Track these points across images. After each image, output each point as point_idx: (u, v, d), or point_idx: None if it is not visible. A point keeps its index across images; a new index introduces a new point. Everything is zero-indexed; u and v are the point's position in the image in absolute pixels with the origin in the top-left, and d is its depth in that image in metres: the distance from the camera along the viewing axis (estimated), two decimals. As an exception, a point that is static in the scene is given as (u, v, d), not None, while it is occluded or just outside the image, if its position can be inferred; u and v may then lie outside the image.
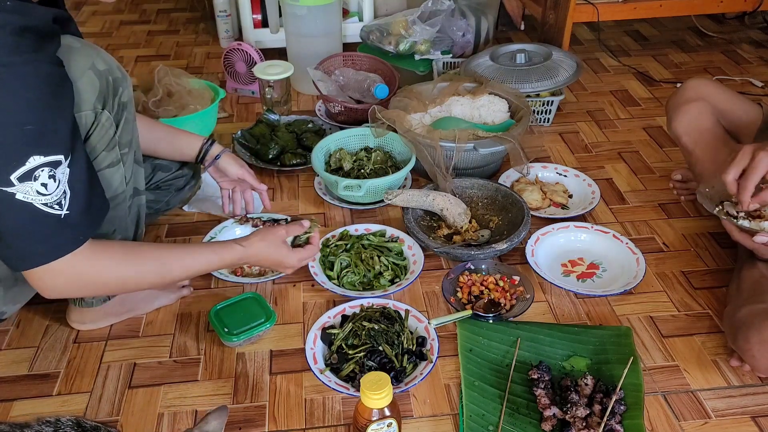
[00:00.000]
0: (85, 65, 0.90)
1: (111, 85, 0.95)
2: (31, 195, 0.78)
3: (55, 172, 0.79)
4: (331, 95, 1.75)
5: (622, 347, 1.11)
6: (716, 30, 2.41)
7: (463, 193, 1.46)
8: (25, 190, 0.77)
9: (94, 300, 1.12)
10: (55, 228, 0.82)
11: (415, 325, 1.14)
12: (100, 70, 0.93)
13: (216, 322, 1.13)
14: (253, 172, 1.33)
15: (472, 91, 1.66)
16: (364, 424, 0.88)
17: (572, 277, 1.29)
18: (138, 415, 1.02)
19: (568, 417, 0.97)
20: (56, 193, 0.80)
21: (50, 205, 0.80)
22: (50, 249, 0.83)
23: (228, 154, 1.30)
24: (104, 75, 0.93)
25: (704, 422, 1.01)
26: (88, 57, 0.91)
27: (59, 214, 0.81)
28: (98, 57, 0.93)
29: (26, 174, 0.77)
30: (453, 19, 2.04)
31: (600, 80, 2.07)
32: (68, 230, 0.83)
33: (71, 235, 0.84)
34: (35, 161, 0.77)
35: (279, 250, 1.12)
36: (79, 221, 0.85)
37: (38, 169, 0.77)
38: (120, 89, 0.97)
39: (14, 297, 1.02)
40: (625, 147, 1.72)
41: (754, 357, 1.01)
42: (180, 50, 2.32)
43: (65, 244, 0.84)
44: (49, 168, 0.78)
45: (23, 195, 0.78)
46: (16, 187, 0.77)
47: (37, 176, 0.78)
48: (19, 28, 0.75)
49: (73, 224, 0.84)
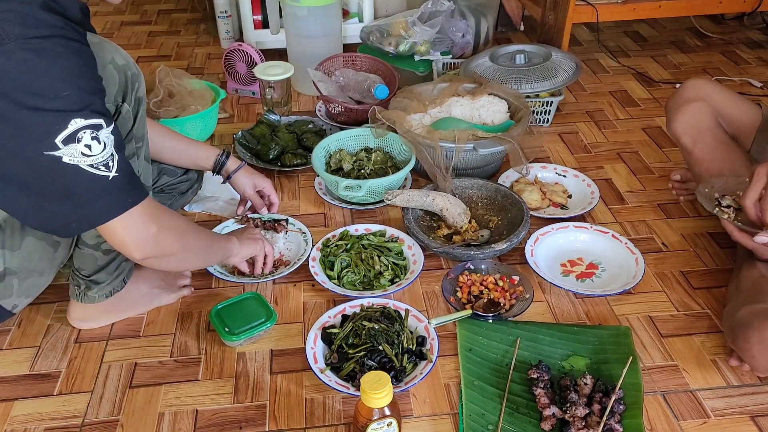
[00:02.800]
0: (106, 59, 0.93)
1: (129, 79, 0.97)
2: (77, 157, 0.79)
3: (98, 135, 0.80)
4: (331, 96, 1.75)
5: (621, 347, 1.12)
6: (715, 31, 2.41)
7: (463, 193, 1.47)
8: (71, 152, 0.79)
9: (98, 295, 1.13)
10: (104, 188, 0.83)
11: (415, 324, 1.14)
12: (120, 64, 0.95)
13: (216, 322, 1.13)
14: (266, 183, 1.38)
15: (472, 91, 1.66)
16: (365, 424, 0.88)
17: (571, 277, 1.29)
18: (138, 415, 1.03)
19: (567, 416, 0.97)
20: (103, 155, 0.81)
21: (96, 167, 0.81)
22: (103, 208, 0.84)
23: (242, 172, 1.33)
24: (123, 70, 0.96)
25: (703, 422, 1.01)
26: (108, 52, 0.94)
27: (107, 176, 0.82)
28: (117, 52, 0.96)
29: (70, 136, 0.78)
30: (453, 20, 2.04)
31: (599, 81, 2.08)
32: (117, 191, 0.84)
33: (123, 195, 0.85)
34: (76, 124, 0.78)
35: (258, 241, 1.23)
36: (129, 184, 0.86)
37: (80, 131, 0.79)
38: (136, 84, 1.00)
39: (27, 290, 1.03)
40: (624, 147, 1.73)
41: (754, 357, 1.01)
42: (181, 51, 2.33)
43: (118, 203, 0.85)
44: (91, 130, 0.80)
45: (69, 158, 0.79)
46: (62, 150, 0.78)
47: (81, 138, 0.79)
48: (48, 6, 0.78)
49: (122, 185, 0.85)
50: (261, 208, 1.38)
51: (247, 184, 1.34)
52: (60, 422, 1.02)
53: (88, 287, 1.11)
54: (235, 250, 1.17)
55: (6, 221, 0.94)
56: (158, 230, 0.91)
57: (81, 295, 1.13)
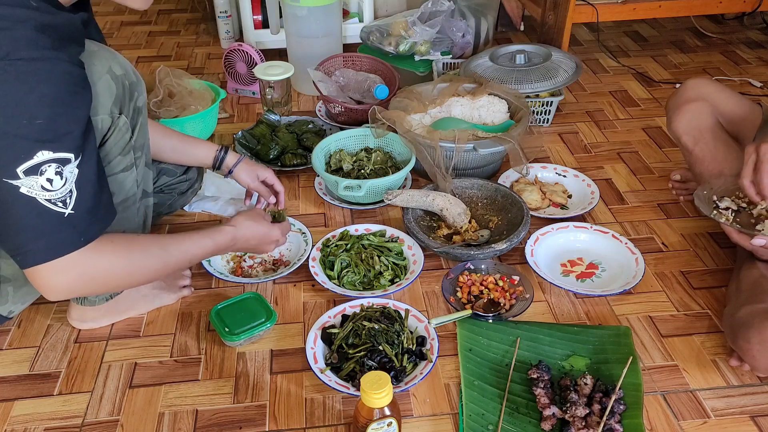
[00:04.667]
0: (102, 69, 0.91)
1: (127, 89, 0.95)
2: (36, 189, 0.77)
3: (62, 170, 0.79)
4: (331, 96, 1.75)
5: (621, 347, 1.12)
6: (715, 31, 2.41)
7: (463, 193, 1.47)
8: (30, 184, 0.77)
9: (98, 298, 1.13)
10: (56, 225, 0.81)
11: (415, 324, 1.14)
12: (117, 74, 0.93)
13: (217, 322, 1.13)
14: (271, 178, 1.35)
15: (472, 91, 1.66)
16: (365, 424, 0.88)
17: (571, 276, 1.29)
18: (138, 415, 1.03)
19: (567, 416, 0.97)
20: (61, 191, 0.80)
21: (54, 202, 0.79)
22: (51, 246, 0.82)
23: (242, 166, 1.31)
24: (121, 80, 0.94)
25: (703, 422, 1.01)
26: (106, 61, 0.92)
27: (62, 212, 0.80)
28: (115, 61, 0.94)
29: (32, 168, 0.76)
30: (453, 20, 2.04)
31: (599, 81, 2.08)
32: (70, 229, 0.82)
33: (73, 235, 0.83)
34: (43, 156, 0.76)
35: (264, 225, 1.16)
36: (83, 222, 0.83)
37: (45, 164, 0.77)
38: (135, 94, 0.98)
39: (23, 296, 1.02)
40: (624, 147, 1.73)
41: (754, 357, 1.01)
42: (181, 51, 2.33)
43: (66, 242, 0.83)
44: (57, 165, 0.78)
45: (27, 189, 0.77)
46: (21, 180, 0.76)
47: (43, 171, 0.77)
48: (42, 25, 0.76)
49: (77, 224, 0.83)
50: (268, 197, 1.36)
51: (249, 176, 1.33)
52: (60, 422, 1.02)
53: None
54: (229, 235, 1.09)
55: None
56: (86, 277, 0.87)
57: (81, 297, 1.13)
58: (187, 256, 1.02)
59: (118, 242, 0.91)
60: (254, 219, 1.15)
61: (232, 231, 1.09)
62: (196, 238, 1.04)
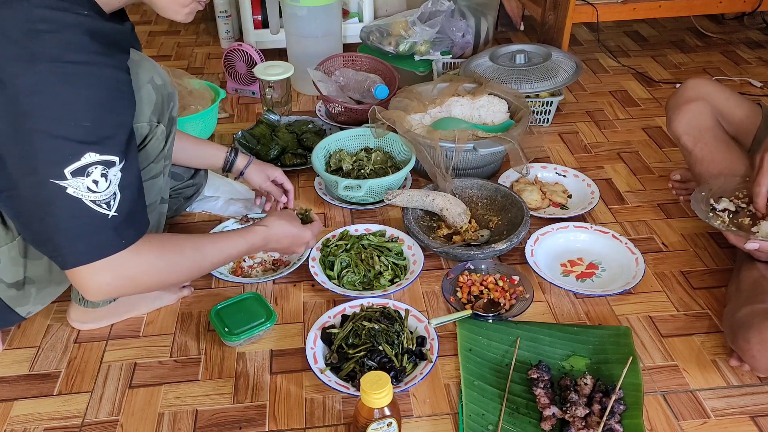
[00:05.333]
0: (145, 79, 0.93)
1: (166, 99, 0.98)
2: (82, 191, 0.78)
3: (107, 172, 0.80)
4: (331, 96, 1.75)
5: (621, 347, 1.12)
6: (715, 30, 2.41)
7: (463, 193, 1.47)
8: (77, 185, 0.78)
9: (101, 302, 1.13)
10: (100, 227, 0.81)
11: (415, 324, 1.14)
12: (158, 84, 0.96)
13: (216, 322, 1.13)
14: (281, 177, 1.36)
15: (472, 91, 1.66)
16: (365, 424, 0.88)
17: (571, 277, 1.29)
18: (138, 415, 1.03)
19: (567, 416, 0.97)
20: (106, 193, 0.80)
21: (98, 204, 0.80)
22: (93, 248, 0.82)
23: (253, 167, 1.32)
24: (160, 90, 0.96)
25: (703, 422, 1.01)
26: (148, 71, 0.94)
27: (106, 214, 0.81)
28: (156, 71, 0.96)
29: (80, 169, 0.77)
30: (453, 20, 2.04)
31: (599, 81, 2.08)
32: (112, 231, 0.82)
33: (114, 237, 0.83)
34: (90, 158, 0.77)
35: (296, 226, 1.14)
36: (124, 225, 0.84)
37: (92, 165, 0.78)
38: (171, 104, 1.00)
39: (44, 298, 1.03)
40: (624, 147, 1.73)
41: (754, 357, 1.01)
42: (181, 51, 2.33)
43: (108, 244, 0.83)
44: (102, 167, 0.79)
45: (74, 190, 0.78)
46: (69, 182, 0.77)
47: (90, 172, 0.78)
48: (91, 30, 0.77)
49: (118, 226, 0.83)
50: (280, 196, 1.37)
51: (260, 177, 1.34)
52: (60, 422, 1.02)
53: None
54: (261, 235, 1.08)
55: None
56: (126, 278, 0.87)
57: (84, 299, 1.13)
58: (222, 255, 1.01)
59: (154, 243, 0.91)
60: (287, 219, 1.13)
61: (264, 231, 1.08)
62: (230, 238, 1.03)
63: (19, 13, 0.73)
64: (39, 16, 0.74)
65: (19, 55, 0.73)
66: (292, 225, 1.14)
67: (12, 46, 0.73)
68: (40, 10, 0.74)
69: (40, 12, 0.74)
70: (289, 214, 1.16)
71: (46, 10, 0.74)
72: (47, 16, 0.74)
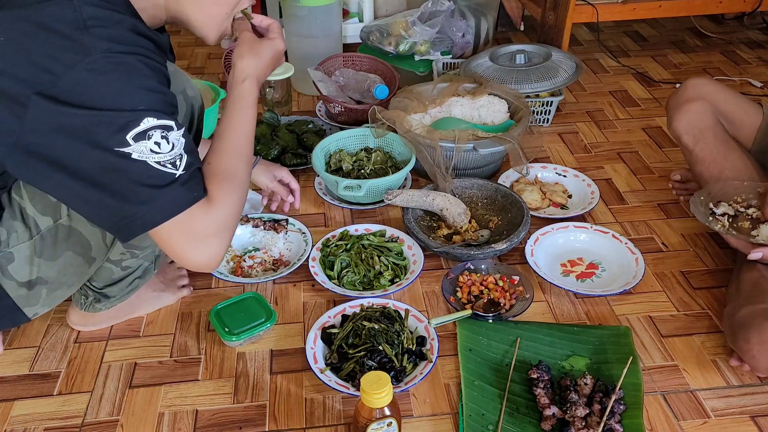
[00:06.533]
0: (178, 88, 0.94)
1: (195, 111, 1.00)
2: (146, 153, 0.80)
3: (167, 135, 0.82)
4: (331, 96, 1.75)
5: (621, 347, 1.12)
6: (715, 30, 2.41)
7: (463, 193, 1.47)
8: (140, 149, 0.80)
9: (103, 306, 1.13)
10: (169, 184, 0.82)
11: (415, 324, 1.14)
12: (189, 96, 0.98)
13: (216, 322, 1.13)
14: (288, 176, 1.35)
15: (472, 91, 1.66)
16: (365, 424, 0.88)
17: (571, 276, 1.29)
18: (138, 415, 1.03)
19: (567, 416, 0.97)
20: (171, 154, 0.82)
21: (163, 164, 0.81)
22: (167, 204, 0.83)
23: (259, 168, 1.33)
24: (190, 101, 0.98)
25: (703, 422, 1.01)
26: (182, 83, 0.96)
27: (174, 173, 0.82)
28: (188, 84, 0.99)
29: (141, 134, 0.79)
30: (453, 20, 2.04)
31: (599, 81, 2.08)
32: (181, 188, 0.83)
33: (185, 192, 0.84)
34: (148, 122, 0.79)
35: (261, 44, 1.03)
36: (193, 181, 0.85)
37: (151, 130, 0.80)
38: (198, 115, 1.02)
39: (53, 300, 1.03)
40: (624, 147, 1.73)
41: (754, 357, 1.01)
42: (181, 51, 2.33)
43: (181, 199, 0.83)
44: (162, 130, 0.81)
45: (138, 154, 0.80)
46: (132, 147, 0.79)
47: (151, 135, 0.80)
48: (136, 29, 0.82)
49: (187, 182, 0.84)
50: (286, 196, 1.37)
51: (267, 177, 1.35)
52: (60, 422, 1.02)
53: (96, 299, 1.12)
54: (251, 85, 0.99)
55: (49, 231, 0.94)
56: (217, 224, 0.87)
57: (87, 305, 1.13)
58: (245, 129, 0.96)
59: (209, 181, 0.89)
60: (251, 46, 1.01)
61: (249, 77, 0.99)
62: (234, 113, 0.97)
63: (67, 10, 0.76)
64: (87, 14, 0.77)
65: (72, 47, 0.76)
66: (257, 46, 1.02)
67: (64, 40, 0.76)
68: (88, 8, 0.77)
69: (87, 9, 0.77)
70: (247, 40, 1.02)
71: (92, 7, 0.78)
72: (94, 14, 0.78)
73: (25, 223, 0.93)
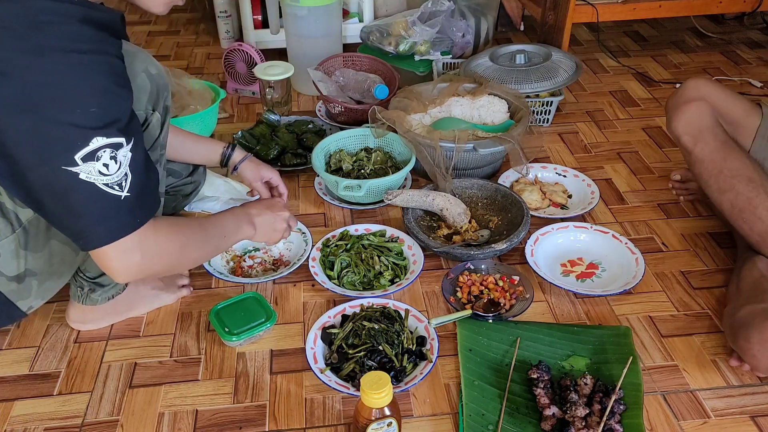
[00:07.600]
0: (140, 68, 0.95)
1: (160, 89, 1.00)
2: (94, 175, 0.80)
3: (116, 154, 0.81)
4: (331, 96, 1.75)
5: (621, 347, 1.12)
6: (715, 31, 2.41)
7: (463, 193, 1.47)
8: (88, 170, 0.79)
9: (100, 297, 1.13)
10: (115, 208, 0.83)
11: (415, 324, 1.14)
12: (153, 74, 0.98)
13: (216, 322, 1.13)
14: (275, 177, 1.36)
15: (472, 91, 1.66)
16: (365, 424, 0.88)
17: (571, 277, 1.29)
18: (138, 415, 1.03)
19: (567, 416, 0.97)
20: (117, 174, 0.82)
21: (111, 186, 0.82)
22: (111, 228, 0.84)
23: (247, 163, 1.33)
24: (155, 79, 0.99)
25: (703, 422, 1.01)
26: (142, 61, 0.97)
27: (119, 195, 0.83)
28: (150, 62, 0.99)
29: (89, 154, 0.79)
30: (453, 20, 2.04)
31: (599, 81, 2.08)
32: (126, 211, 0.84)
33: (129, 216, 0.85)
34: (98, 142, 0.79)
35: (281, 215, 1.17)
36: (137, 204, 0.86)
37: (101, 149, 0.79)
38: (165, 93, 1.02)
39: (44, 292, 1.03)
40: (624, 147, 1.73)
41: (755, 357, 1.01)
42: (180, 51, 2.33)
43: (125, 224, 0.85)
44: (111, 149, 0.80)
45: (86, 175, 0.79)
46: (80, 167, 0.79)
47: (100, 156, 0.80)
48: (84, 18, 0.79)
49: (131, 206, 0.85)
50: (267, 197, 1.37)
51: (253, 174, 1.34)
52: (60, 422, 1.02)
53: (92, 289, 1.11)
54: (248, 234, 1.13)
55: (30, 223, 0.94)
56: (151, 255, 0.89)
57: (83, 297, 1.13)
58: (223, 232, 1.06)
59: (169, 221, 0.94)
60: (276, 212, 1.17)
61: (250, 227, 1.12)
62: (220, 215, 1.08)
63: (18, 6, 0.75)
64: (38, 8, 0.75)
65: (25, 47, 0.75)
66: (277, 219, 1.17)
67: (17, 40, 0.75)
68: (38, 2, 0.76)
69: (37, 4, 0.76)
70: (278, 205, 1.19)
71: (42, 1, 0.76)
72: (45, 7, 0.76)
73: (6, 217, 0.93)
